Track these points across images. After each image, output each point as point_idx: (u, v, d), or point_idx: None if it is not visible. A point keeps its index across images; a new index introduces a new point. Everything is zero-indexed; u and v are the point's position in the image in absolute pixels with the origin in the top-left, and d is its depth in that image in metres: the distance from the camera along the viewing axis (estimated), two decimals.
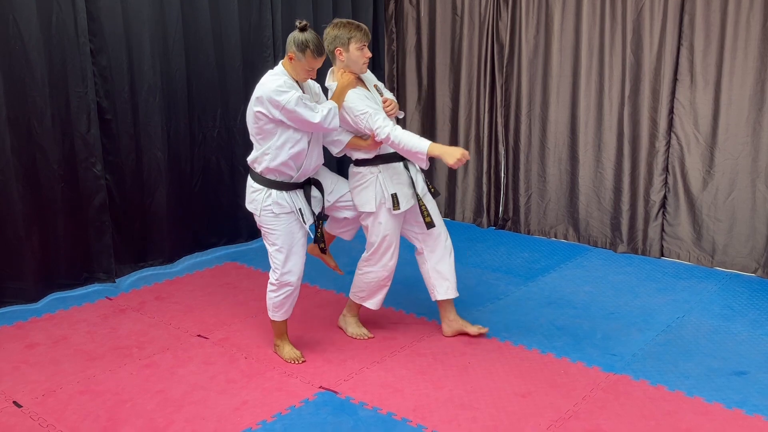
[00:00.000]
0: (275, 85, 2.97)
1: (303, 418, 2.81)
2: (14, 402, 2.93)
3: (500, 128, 5.35)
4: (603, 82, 4.79)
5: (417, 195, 3.34)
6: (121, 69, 4.24)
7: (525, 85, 5.17)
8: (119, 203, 4.36)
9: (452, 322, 3.53)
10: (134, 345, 3.48)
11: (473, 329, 3.51)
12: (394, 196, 3.26)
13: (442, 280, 3.46)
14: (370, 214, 3.32)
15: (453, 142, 5.67)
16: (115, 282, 4.30)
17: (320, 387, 3.05)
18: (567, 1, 4.84)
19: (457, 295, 3.50)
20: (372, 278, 3.43)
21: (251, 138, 3.17)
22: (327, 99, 3.26)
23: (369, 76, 3.38)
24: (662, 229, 4.71)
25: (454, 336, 3.53)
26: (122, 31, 4.22)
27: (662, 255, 4.73)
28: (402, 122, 5.97)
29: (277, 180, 3.11)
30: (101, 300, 4.06)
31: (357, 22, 3.20)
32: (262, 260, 4.58)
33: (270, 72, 3.11)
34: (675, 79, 4.49)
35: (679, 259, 4.67)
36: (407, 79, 5.89)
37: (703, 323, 3.68)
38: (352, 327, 3.56)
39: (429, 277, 3.49)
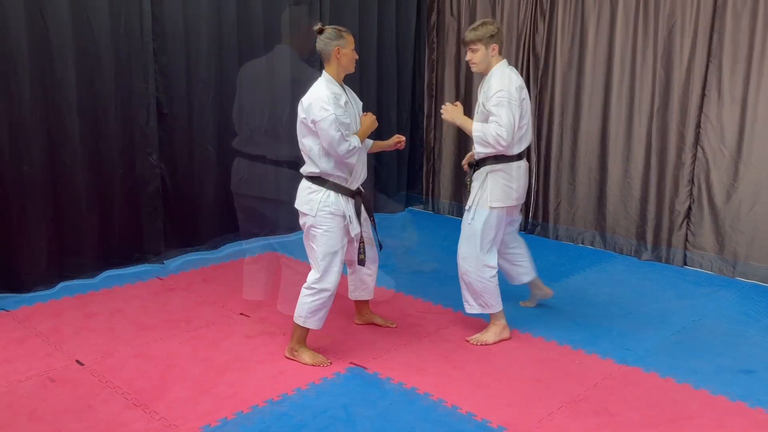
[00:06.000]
0: (319, 100, 3.09)
1: (334, 387, 3.08)
2: (77, 360, 3.26)
3: (533, 137, 5.56)
4: (633, 96, 4.98)
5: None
6: (179, 68, 4.60)
7: (558, 97, 5.38)
8: (171, 191, 4.71)
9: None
10: (182, 319, 3.79)
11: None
12: None
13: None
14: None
15: None
16: (163, 264, 4.65)
17: (351, 363, 3.31)
18: (601, 16, 5.06)
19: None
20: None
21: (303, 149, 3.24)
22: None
23: None
24: (686, 239, 4.86)
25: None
26: (182, 34, 4.58)
27: (685, 264, 4.88)
28: (436, 130, 6.23)
29: (335, 182, 3.22)
30: (152, 279, 4.40)
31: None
32: (300, 252, 4.83)
33: (315, 84, 3.20)
34: (703, 95, 4.66)
35: (701, 268, 4.81)
36: (445, 88, 6.14)
37: (718, 326, 3.84)
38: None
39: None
